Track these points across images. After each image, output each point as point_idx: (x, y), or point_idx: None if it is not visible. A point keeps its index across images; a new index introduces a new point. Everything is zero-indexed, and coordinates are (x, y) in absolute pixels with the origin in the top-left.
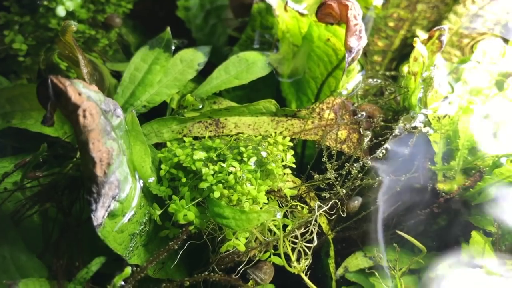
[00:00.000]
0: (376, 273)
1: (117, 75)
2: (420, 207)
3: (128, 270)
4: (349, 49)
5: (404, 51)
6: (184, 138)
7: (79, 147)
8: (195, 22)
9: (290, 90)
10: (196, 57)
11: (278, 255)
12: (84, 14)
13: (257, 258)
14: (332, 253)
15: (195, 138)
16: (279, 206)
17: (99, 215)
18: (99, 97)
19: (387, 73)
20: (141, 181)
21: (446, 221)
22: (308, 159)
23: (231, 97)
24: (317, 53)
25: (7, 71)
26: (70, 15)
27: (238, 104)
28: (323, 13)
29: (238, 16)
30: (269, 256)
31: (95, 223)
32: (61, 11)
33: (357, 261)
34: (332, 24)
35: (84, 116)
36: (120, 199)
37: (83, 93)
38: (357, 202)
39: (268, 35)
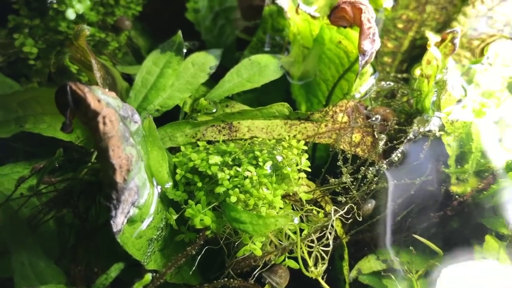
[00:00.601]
0: (392, 276)
1: (128, 78)
2: (433, 209)
3: (148, 276)
4: (362, 52)
5: (414, 53)
6: (198, 142)
7: (99, 154)
8: (204, 24)
9: (300, 92)
10: (207, 60)
11: (293, 258)
12: (94, 17)
13: (273, 262)
14: (346, 256)
15: (209, 142)
16: (293, 210)
17: (119, 221)
18: (117, 103)
19: (399, 76)
20: (159, 186)
21: (459, 223)
22: (319, 162)
23: (242, 100)
24: (328, 56)
25: (17, 75)
26: (80, 18)
27: (249, 107)
28: (336, 16)
29: (247, 18)
30: (284, 260)
31: (114, 230)
32: (71, 14)
33: (370, 264)
34: (345, 27)
35: (104, 123)
36: (139, 205)
37: (102, 99)
38: (370, 205)
39: (279, 37)
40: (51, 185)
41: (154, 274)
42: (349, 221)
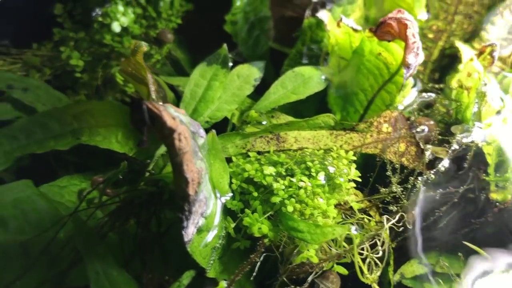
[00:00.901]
0: (439, 280)
1: (171, 88)
2: (474, 216)
3: (223, 284)
4: (407, 66)
5: (443, 62)
6: (249, 153)
7: (173, 168)
8: (240, 35)
9: (336, 102)
10: (251, 72)
11: (341, 264)
12: (137, 30)
13: (324, 268)
14: (392, 261)
15: (258, 152)
16: (344, 218)
17: (190, 231)
18: (187, 119)
19: (436, 86)
20: (223, 198)
21: (499, 229)
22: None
23: (280, 109)
24: (367, 66)
25: (63, 87)
26: (124, 30)
27: (287, 115)
28: (382, 31)
29: (279, 28)
30: (332, 266)
31: (185, 239)
32: (116, 27)
33: (412, 268)
34: (389, 41)
35: (179, 140)
36: (206, 215)
37: (176, 117)
38: (414, 212)
39: (317, 48)
40: (114, 197)
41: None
42: (400, 229)
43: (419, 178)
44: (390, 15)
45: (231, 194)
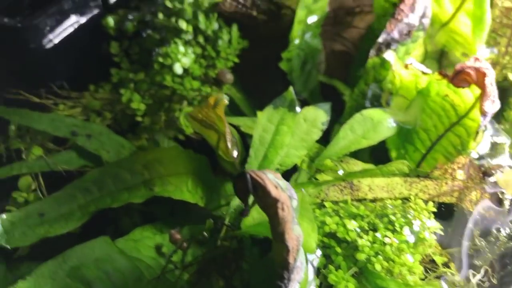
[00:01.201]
0: None
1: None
2: None
3: None
4: (484, 114)
5: None
6: (325, 204)
7: (274, 237)
8: (296, 72)
9: (394, 139)
10: (318, 115)
11: None
12: (198, 70)
13: None
14: None
15: (332, 202)
16: (424, 274)
17: None
18: (284, 184)
19: (502, 127)
20: (314, 261)
21: None
22: None
23: None
24: (431, 107)
25: (121, 131)
26: (185, 71)
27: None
28: (459, 79)
29: (328, 61)
30: None
31: None
32: (178, 68)
33: None
34: (464, 87)
35: (282, 209)
36: (301, 280)
37: (277, 184)
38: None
39: (377, 87)
40: (198, 257)
41: None
42: (485, 283)
43: (502, 230)
44: (468, 63)
45: (320, 253)
